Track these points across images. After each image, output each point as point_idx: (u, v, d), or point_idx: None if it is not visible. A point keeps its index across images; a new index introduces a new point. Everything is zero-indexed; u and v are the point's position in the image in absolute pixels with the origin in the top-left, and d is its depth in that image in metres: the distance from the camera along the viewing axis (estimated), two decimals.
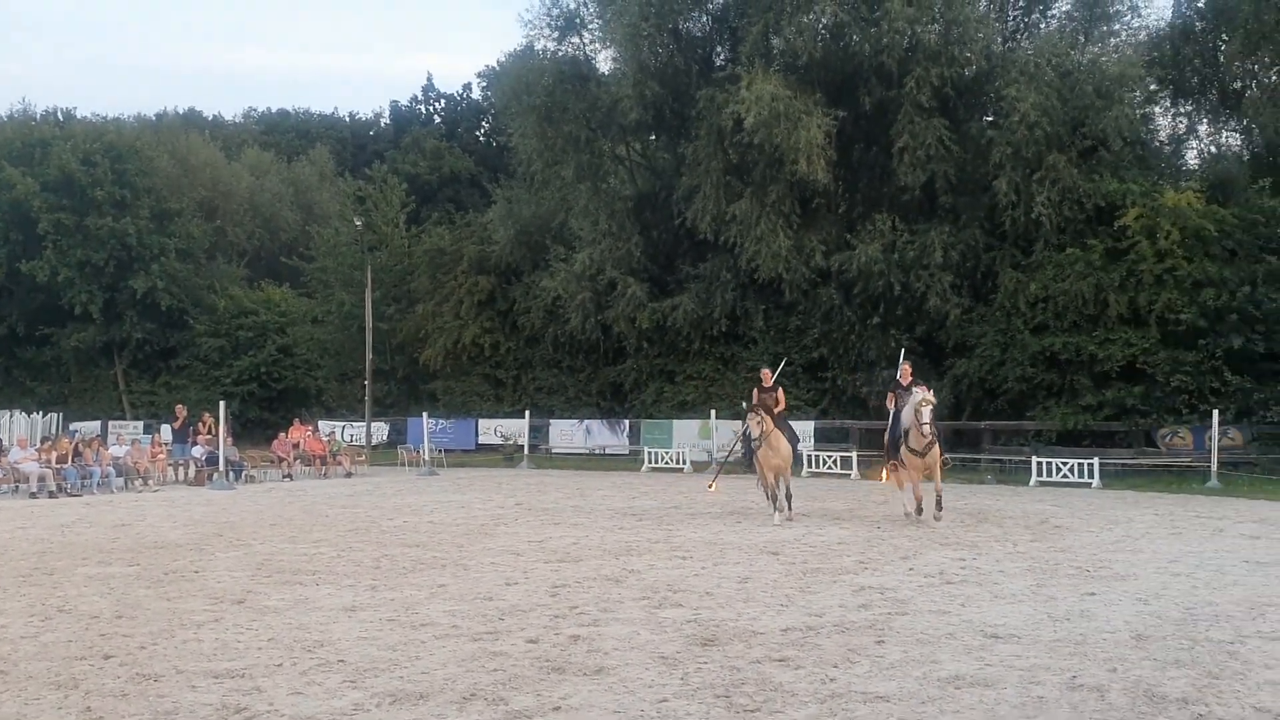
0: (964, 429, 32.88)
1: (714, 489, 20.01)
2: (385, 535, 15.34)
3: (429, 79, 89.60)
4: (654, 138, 40.55)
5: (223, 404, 27.54)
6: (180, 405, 31.13)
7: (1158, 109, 35.85)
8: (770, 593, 10.35)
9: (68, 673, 7.27)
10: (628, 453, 35.96)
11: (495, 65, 48.02)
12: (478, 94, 68.72)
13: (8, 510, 19.28)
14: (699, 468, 31.16)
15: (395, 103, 73.92)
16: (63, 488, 22.86)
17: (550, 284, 38.31)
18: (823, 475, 29.68)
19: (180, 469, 27.73)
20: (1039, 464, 27.43)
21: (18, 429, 33.78)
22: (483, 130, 68.87)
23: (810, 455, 31.02)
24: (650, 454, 33.40)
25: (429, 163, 61.98)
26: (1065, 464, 27.13)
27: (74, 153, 47.06)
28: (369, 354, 41.67)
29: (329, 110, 76.64)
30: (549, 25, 37.66)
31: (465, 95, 70.75)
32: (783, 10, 32.33)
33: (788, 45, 32.79)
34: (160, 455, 27.86)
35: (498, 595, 10.27)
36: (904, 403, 16.11)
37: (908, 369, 16.90)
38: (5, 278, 48.23)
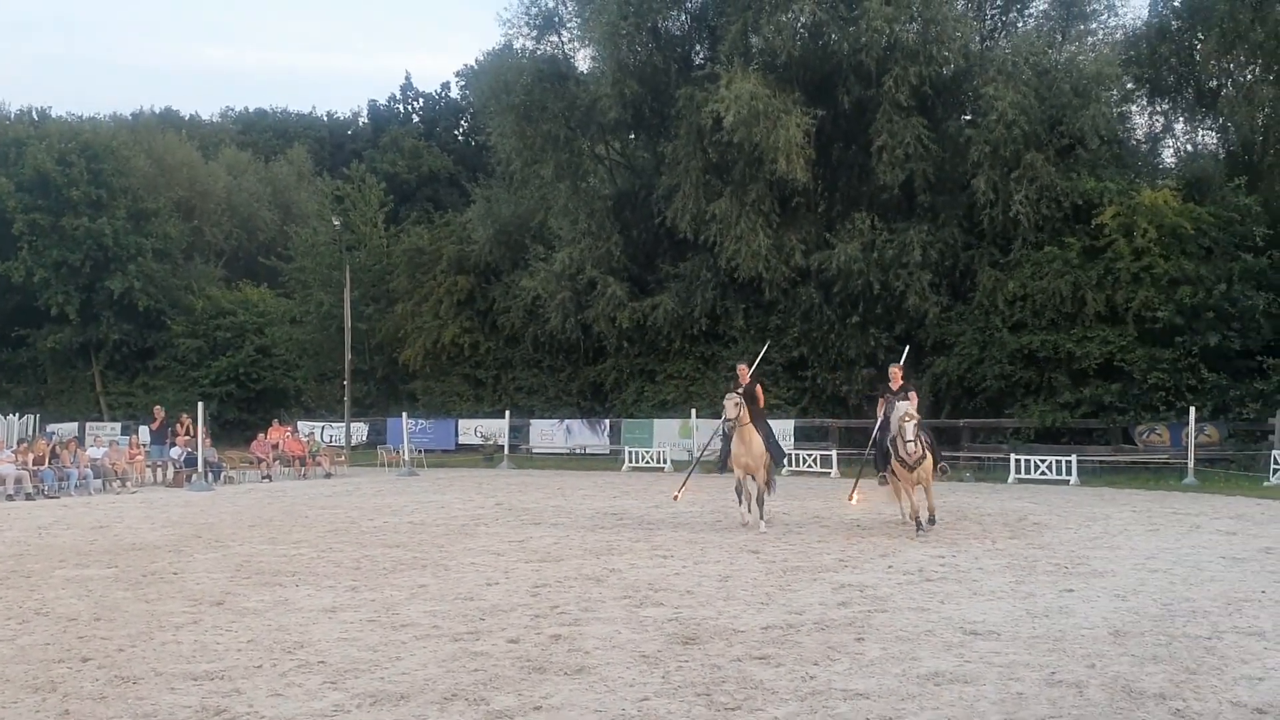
0: (943, 427, 32.95)
1: (678, 499, 18.15)
2: (365, 536, 15.30)
3: (407, 78, 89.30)
4: (633, 137, 40.55)
5: (201, 405, 27.41)
6: (158, 406, 30.96)
7: (1134, 108, 36.04)
8: (751, 591, 10.38)
9: (45, 675, 7.23)
10: (608, 452, 35.97)
11: (474, 64, 48.15)
12: (456, 93, 68.72)
13: None
14: (679, 467, 31.19)
15: (373, 102, 73.80)
16: (40, 489, 22.71)
17: (530, 283, 38.26)
18: (803, 474, 29.77)
19: (158, 470, 27.58)
20: (1017, 461, 27.58)
21: None
22: (461, 129, 68.74)
23: (790, 454, 31.08)
24: (631, 453, 33.43)
25: (407, 162, 61.86)
26: (1043, 461, 27.28)
27: (49, 152, 46.79)
28: (348, 354, 41.52)
29: (307, 109, 76.72)
30: (528, 24, 37.66)
31: (444, 94, 70.69)
32: (761, 9, 32.37)
33: (767, 44, 32.82)
34: (138, 457, 27.71)
35: (478, 595, 10.27)
36: (893, 410, 15.36)
37: (897, 373, 15.86)
38: None
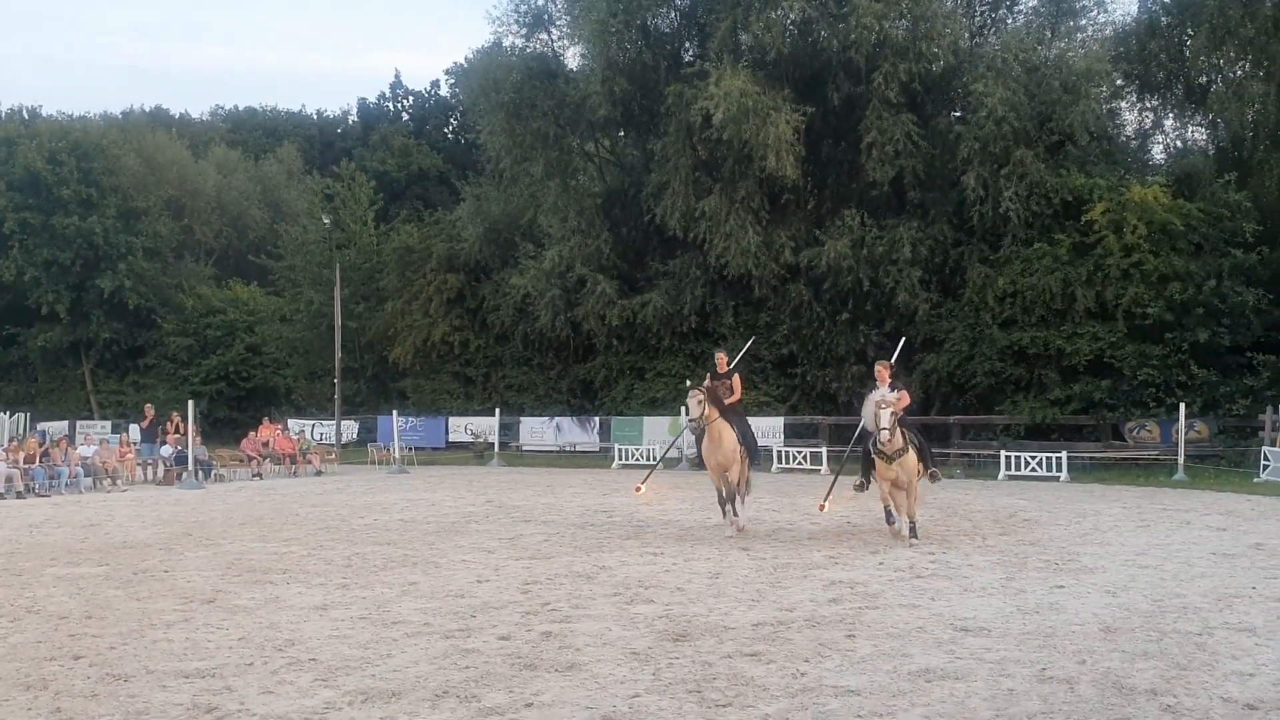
0: (933, 424, 33.03)
1: (642, 491, 17.00)
2: (356, 533, 15.27)
3: (397, 76, 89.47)
4: (623, 134, 40.56)
5: (191, 403, 27.34)
6: (149, 405, 30.88)
7: (1124, 104, 36.23)
8: (741, 588, 10.38)
9: (37, 674, 7.21)
10: (598, 450, 35.95)
11: (463, 62, 47.87)
12: (446, 91, 68.52)
13: None
14: (670, 464, 31.18)
15: (363, 100, 73.57)
16: (30, 488, 22.62)
17: (519, 281, 38.25)
18: (793, 470, 29.78)
19: (149, 469, 27.50)
20: (1007, 458, 27.64)
21: None
22: (451, 128, 68.61)
23: (780, 451, 31.13)
24: (620, 451, 33.41)
25: (397, 160, 61.74)
26: (1033, 458, 27.32)
27: (40, 151, 46.69)
28: (338, 352, 41.45)
29: (296, 108, 76.16)
30: (517, 22, 37.69)
31: (433, 92, 70.52)
32: (751, 6, 32.39)
33: (756, 41, 32.85)
34: (129, 455, 27.62)
35: (469, 592, 10.25)
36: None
37: (884, 370, 14.48)
38: None
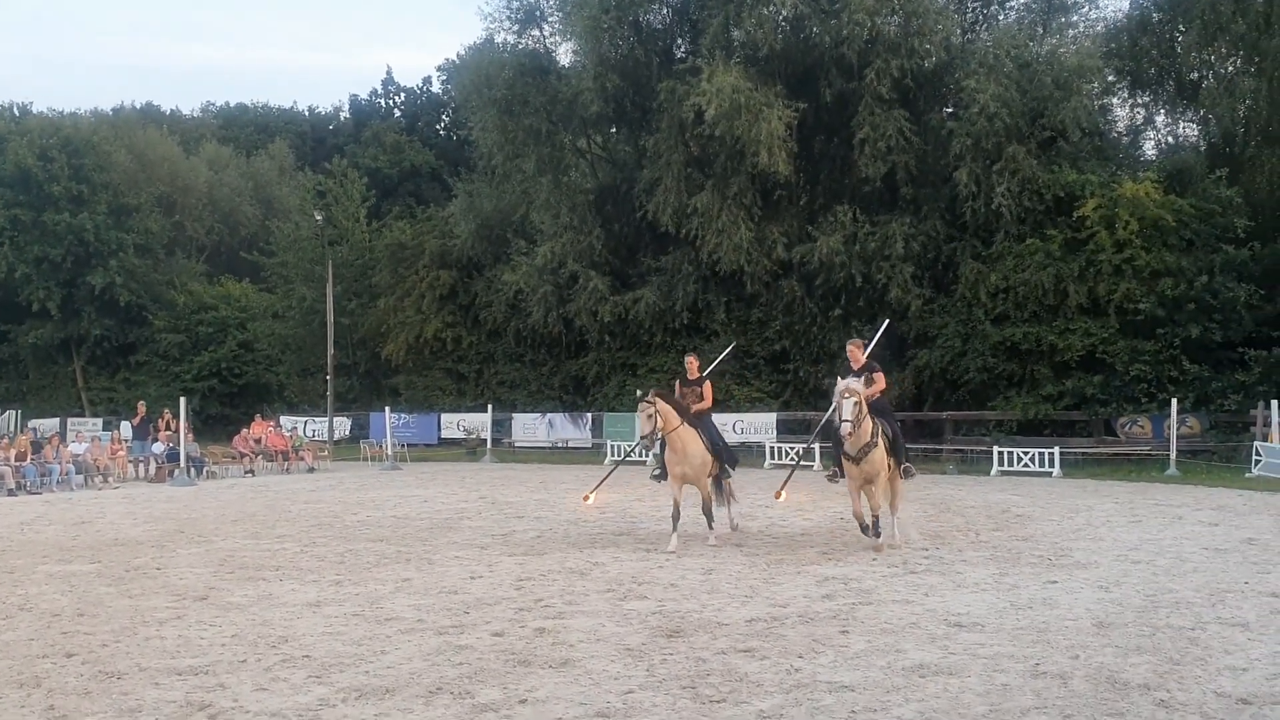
0: (926, 419, 33.11)
1: (590, 500, 16.01)
2: (349, 530, 15.26)
3: (389, 72, 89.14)
4: (615, 130, 40.52)
5: (183, 400, 27.26)
6: (141, 402, 30.82)
7: (1115, 100, 36.23)
8: (734, 584, 10.39)
9: (30, 671, 7.19)
10: (590, 446, 35.91)
11: (455, 59, 47.97)
12: (438, 88, 68.41)
13: None
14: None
15: (355, 96, 73.27)
16: (22, 485, 22.57)
17: (512, 278, 38.21)
18: (786, 467, 29.75)
19: (141, 466, 27.44)
20: (1000, 454, 27.69)
21: None
22: (443, 124, 68.45)
23: (773, 447, 31.16)
24: (613, 447, 33.36)
25: (389, 157, 61.60)
26: (1026, 453, 27.39)
27: (30, 148, 46.53)
28: (330, 349, 41.36)
29: (288, 104, 76.01)
30: (509, 18, 37.55)
31: (425, 89, 70.35)
32: (743, 2, 32.34)
33: (748, 37, 32.82)
34: (120, 452, 27.57)
35: (462, 589, 10.25)
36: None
37: (856, 351, 13.31)
38: None
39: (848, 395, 12.02)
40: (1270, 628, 8.38)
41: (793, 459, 14.85)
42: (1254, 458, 25.02)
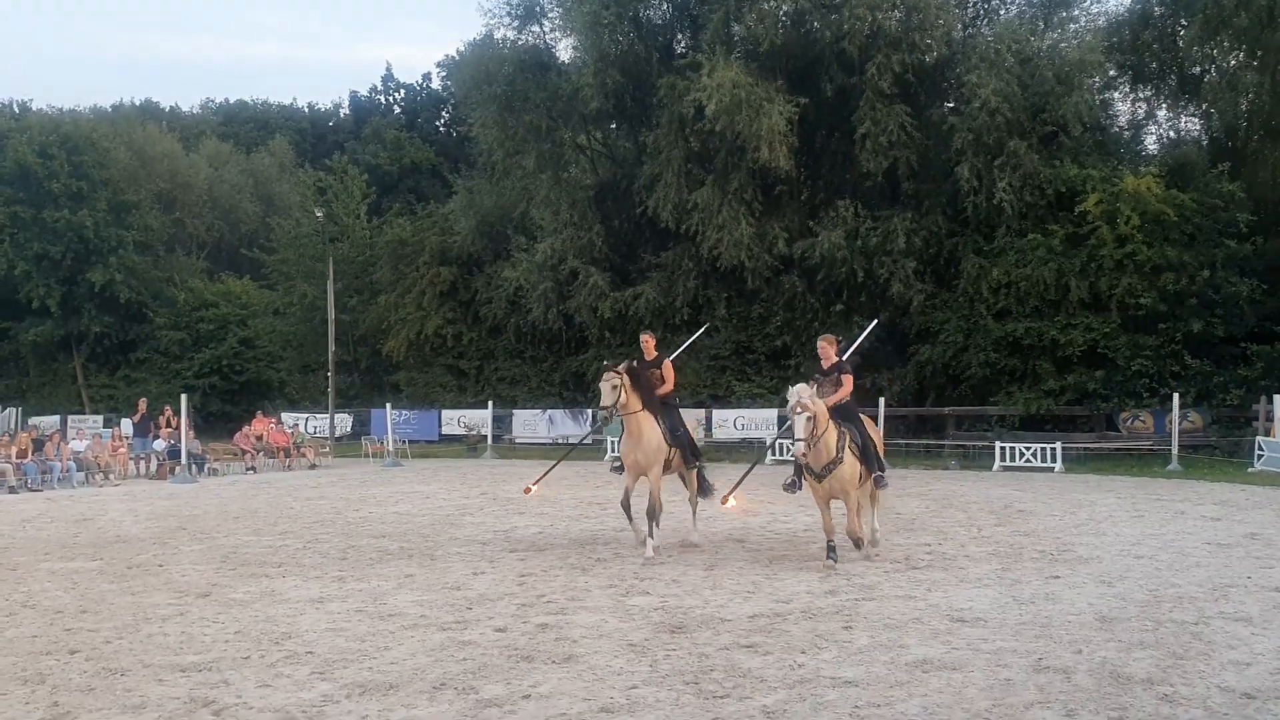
0: (928, 415, 33.11)
1: (532, 492, 14.83)
2: (351, 526, 15.25)
3: (388, 69, 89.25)
4: (615, 126, 40.44)
5: (184, 397, 27.25)
6: (142, 399, 30.81)
7: (1117, 95, 36.22)
8: (737, 580, 10.37)
9: (34, 668, 7.19)
10: (591, 442, 35.88)
11: (455, 55, 47.92)
12: (438, 84, 68.39)
13: None
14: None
15: (355, 93, 73.33)
16: (23, 483, 22.56)
17: (512, 274, 38.22)
18: (787, 463, 29.70)
19: (142, 463, 27.43)
20: (1002, 449, 27.71)
21: None
22: (443, 120, 68.43)
23: (776, 443, 31.09)
24: (613, 443, 33.29)
25: (389, 153, 61.57)
26: (1028, 449, 27.41)
27: (30, 145, 46.51)
28: (331, 346, 41.36)
29: (288, 101, 75.98)
30: (509, 14, 37.50)
31: (425, 85, 70.34)
32: None
33: (749, 32, 32.81)
34: (121, 449, 27.55)
35: (465, 585, 10.25)
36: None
37: (827, 349, 11.80)
38: None
39: (799, 411, 10.58)
40: (1274, 622, 8.37)
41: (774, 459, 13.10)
42: (1256, 453, 25.04)
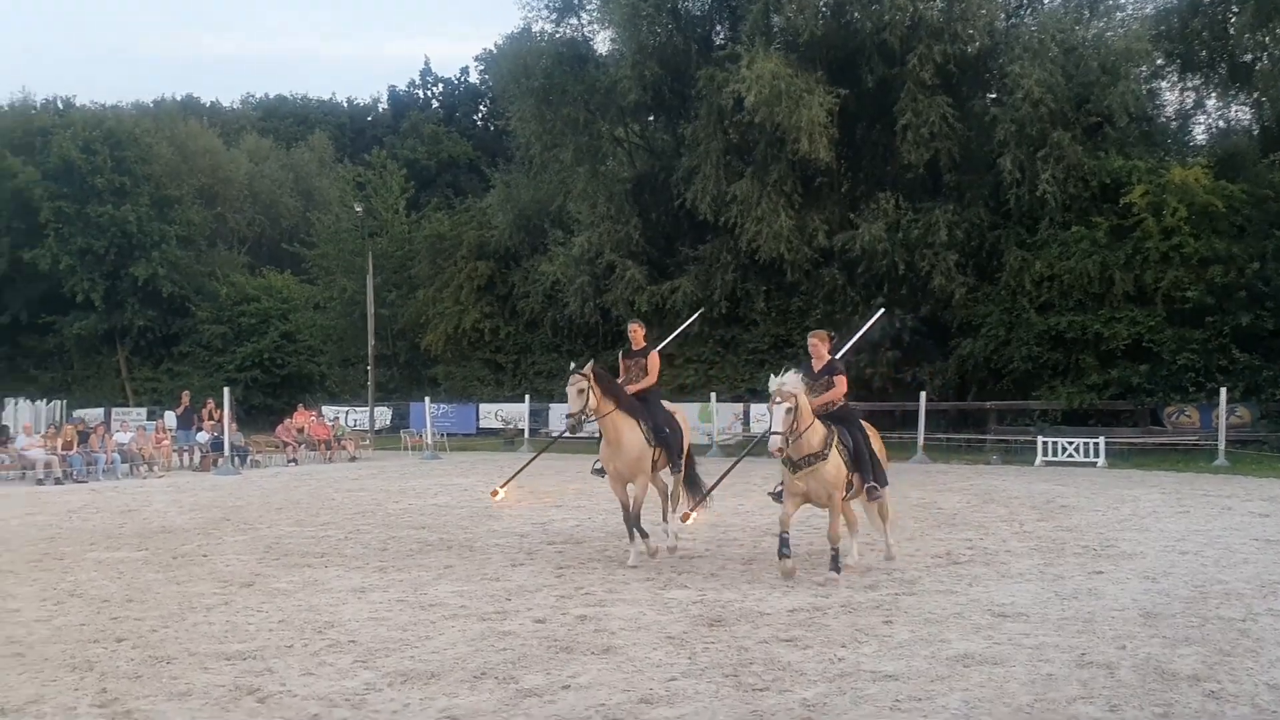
0: (969, 409, 32.86)
1: (499, 496, 13.39)
2: (391, 518, 15.36)
3: (426, 63, 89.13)
4: (653, 119, 40.38)
5: (227, 390, 27.50)
6: (185, 391, 31.16)
7: (1164, 84, 35.67)
8: (775, 574, 10.32)
9: (82, 655, 7.29)
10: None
11: (493, 48, 47.99)
12: (475, 78, 68.54)
13: (15, 497, 19.29)
14: (698, 451, 31.07)
15: (393, 88, 73.75)
16: (69, 474, 22.87)
17: (549, 268, 38.28)
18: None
19: (185, 455, 27.73)
20: (1044, 444, 27.43)
21: (23, 416, 33.84)
22: (481, 114, 68.63)
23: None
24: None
25: (427, 148, 61.83)
26: (1071, 443, 27.10)
27: (74, 141, 47.11)
28: (371, 340, 41.67)
29: (327, 96, 76.55)
30: (547, 7, 37.55)
31: (463, 79, 70.53)
32: None
33: (788, 23, 32.62)
34: (165, 442, 27.86)
35: (504, 576, 10.29)
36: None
37: (818, 345, 10.58)
38: (8, 266, 48.43)
39: (779, 400, 9.38)
40: None
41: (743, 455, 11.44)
42: None
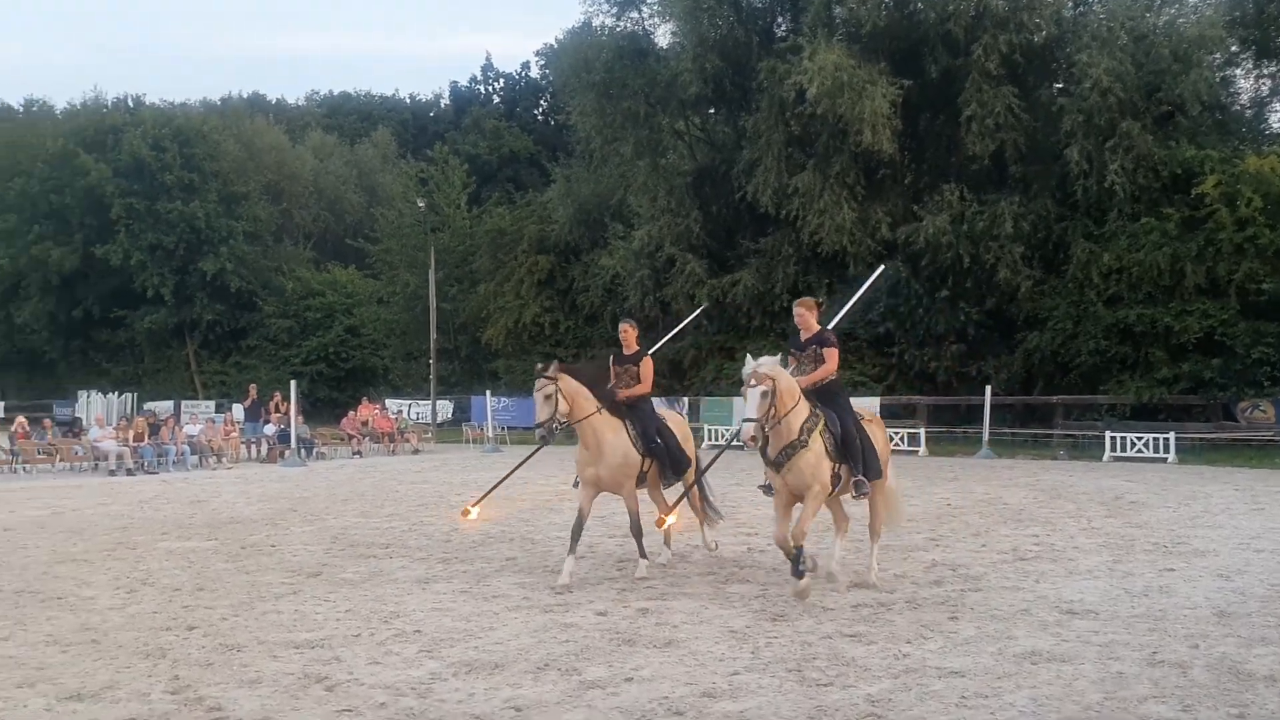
0: (1035, 403, 32.42)
1: (470, 515, 12.18)
2: (454, 510, 15.45)
3: (488, 58, 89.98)
4: (714, 111, 40.26)
5: (293, 383, 27.92)
6: (252, 385, 31.67)
7: (1239, 71, 34.86)
8: (839, 569, 10.24)
9: (155, 643, 7.43)
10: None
11: (553, 43, 48.12)
12: (536, 73, 68.72)
13: (89, 487, 19.74)
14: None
15: (455, 83, 74.14)
16: (140, 465, 23.35)
17: (609, 262, 38.34)
18: (893, 453, 29.40)
19: (253, 447, 28.19)
20: (1113, 439, 27.02)
21: (95, 408, 34.60)
22: (541, 109, 68.84)
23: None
24: (710, 431, 33.24)
25: (489, 143, 62.13)
26: (1140, 439, 26.65)
27: (144, 138, 48.06)
28: (433, 334, 42.05)
29: (390, 92, 77.14)
30: (608, 1, 37.58)
31: (524, 74, 70.77)
32: None
33: (851, 14, 32.40)
34: (233, 434, 28.35)
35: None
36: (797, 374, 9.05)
37: (805, 315, 9.40)
38: (80, 262, 49.44)
39: (754, 383, 8.29)
40: None
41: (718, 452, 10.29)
42: None
